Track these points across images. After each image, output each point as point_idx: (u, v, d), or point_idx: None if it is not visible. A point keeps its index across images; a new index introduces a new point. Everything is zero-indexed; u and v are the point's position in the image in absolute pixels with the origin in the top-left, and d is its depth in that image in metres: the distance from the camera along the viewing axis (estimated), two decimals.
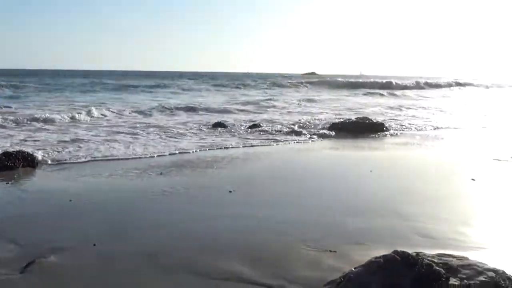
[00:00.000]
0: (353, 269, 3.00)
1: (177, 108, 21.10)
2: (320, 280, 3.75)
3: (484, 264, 2.89)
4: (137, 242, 4.81)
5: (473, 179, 7.63)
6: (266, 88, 46.39)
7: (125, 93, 34.75)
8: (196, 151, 10.40)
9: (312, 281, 3.84)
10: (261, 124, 15.21)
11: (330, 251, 4.55)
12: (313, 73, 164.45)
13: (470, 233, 5.15)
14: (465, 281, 2.61)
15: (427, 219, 5.63)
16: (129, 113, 18.98)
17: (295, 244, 4.77)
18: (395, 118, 18.77)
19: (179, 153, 10.13)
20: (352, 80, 57.69)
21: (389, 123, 15.98)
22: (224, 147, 10.97)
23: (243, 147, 11.15)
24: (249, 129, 14.26)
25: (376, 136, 13.55)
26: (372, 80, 57.13)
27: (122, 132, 13.12)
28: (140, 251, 4.55)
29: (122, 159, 9.37)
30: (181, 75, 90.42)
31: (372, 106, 25.87)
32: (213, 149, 10.73)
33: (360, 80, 56.78)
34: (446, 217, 5.70)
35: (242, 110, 21.99)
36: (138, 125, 14.85)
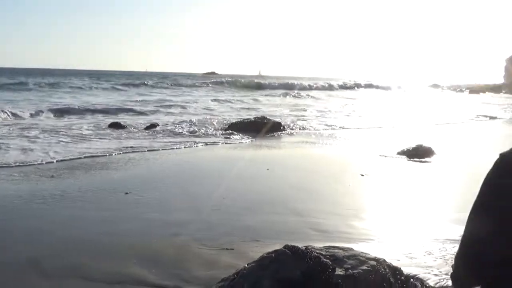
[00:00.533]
0: (246, 265, 3.07)
1: (70, 108, 20.16)
2: (217, 278, 3.78)
3: (367, 254, 3.10)
4: (20, 250, 4.54)
5: (362, 175, 8.12)
6: (166, 87, 45.73)
7: (9, 92, 32.49)
8: (90, 153, 10.00)
9: (209, 280, 3.87)
10: (158, 124, 15.00)
11: (227, 249, 4.61)
12: (213, 73, 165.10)
13: (359, 226, 5.48)
14: (350, 271, 2.79)
15: (320, 214, 5.90)
16: (18, 113, 17.78)
17: (191, 244, 4.77)
18: (294, 117, 19.40)
19: (72, 156, 9.69)
20: (253, 79, 58.44)
21: (286, 122, 16.49)
22: (120, 149, 10.66)
23: (139, 148, 10.92)
24: (147, 130, 14.01)
25: (274, 135, 13.92)
26: (273, 81, 58.17)
27: (6, 136, 12.27)
28: (23, 258, 4.31)
29: (5, 166, 8.76)
30: (76, 73, 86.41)
31: (272, 106, 26.53)
32: (109, 151, 10.39)
33: (262, 81, 57.66)
34: (338, 212, 6.02)
35: (140, 111, 21.52)
36: (24, 127, 13.96)
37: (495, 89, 77.41)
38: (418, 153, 10.11)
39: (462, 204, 6.58)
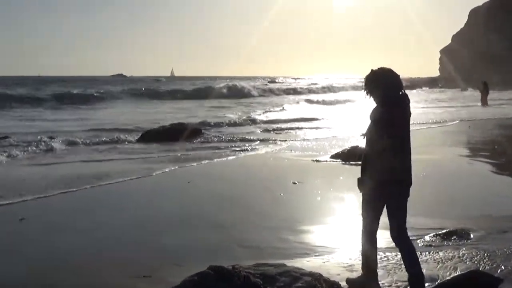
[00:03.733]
0: None
1: None
2: None
3: (301, 269, 3.15)
4: None
5: (294, 183, 8.24)
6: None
7: None
8: None
9: None
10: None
11: (144, 276, 4.52)
12: (121, 75, 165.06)
13: (293, 239, 5.55)
14: None
15: (249, 229, 5.93)
16: None
17: (104, 271, 4.66)
18: (215, 122, 19.41)
19: None
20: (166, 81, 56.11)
21: (206, 128, 16.51)
22: None
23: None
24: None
25: (193, 142, 13.82)
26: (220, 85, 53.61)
27: None
28: None
29: None
30: None
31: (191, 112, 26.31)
32: None
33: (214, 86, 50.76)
34: (269, 225, 6.07)
35: None
36: None
37: (431, 83, 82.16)
38: (354, 155, 10.26)
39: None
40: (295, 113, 24.14)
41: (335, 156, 10.62)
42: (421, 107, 28.14)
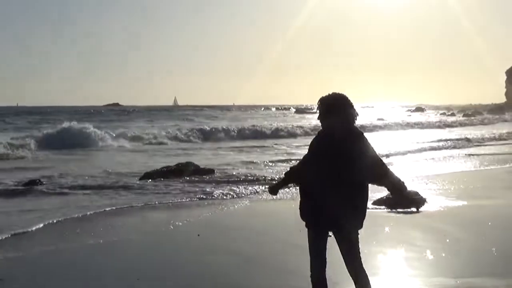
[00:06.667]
0: None
1: None
2: None
3: None
4: None
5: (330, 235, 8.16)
6: None
7: None
8: None
9: None
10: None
11: None
12: (116, 104, 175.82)
13: None
14: None
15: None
16: None
17: None
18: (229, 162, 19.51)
19: None
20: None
21: (220, 168, 16.62)
22: None
23: None
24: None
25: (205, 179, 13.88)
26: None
27: None
28: None
29: None
30: None
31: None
32: None
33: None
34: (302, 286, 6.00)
35: None
36: None
37: (495, 110, 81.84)
38: (402, 201, 10.08)
39: (469, 267, 6.74)
40: None
41: (378, 202, 10.47)
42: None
